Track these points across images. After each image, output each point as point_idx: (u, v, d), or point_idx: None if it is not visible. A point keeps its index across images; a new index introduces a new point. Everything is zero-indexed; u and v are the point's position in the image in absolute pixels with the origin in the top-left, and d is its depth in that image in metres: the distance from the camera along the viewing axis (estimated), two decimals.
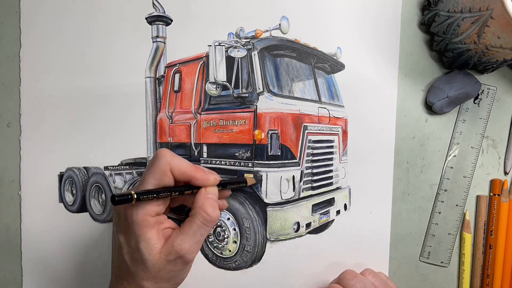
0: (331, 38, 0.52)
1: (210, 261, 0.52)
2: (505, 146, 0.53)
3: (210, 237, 0.51)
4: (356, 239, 0.53)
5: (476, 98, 0.52)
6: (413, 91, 0.52)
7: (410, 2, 0.52)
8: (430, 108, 0.52)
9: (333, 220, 0.53)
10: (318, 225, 0.53)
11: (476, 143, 0.52)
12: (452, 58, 0.49)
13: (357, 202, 0.53)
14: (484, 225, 0.52)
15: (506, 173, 0.53)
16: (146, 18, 0.51)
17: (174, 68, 0.52)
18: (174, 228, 0.40)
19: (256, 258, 0.51)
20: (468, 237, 0.52)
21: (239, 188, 0.50)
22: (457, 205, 0.52)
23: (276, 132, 0.50)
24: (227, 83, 0.50)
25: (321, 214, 0.53)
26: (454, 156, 0.52)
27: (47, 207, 0.52)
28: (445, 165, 0.53)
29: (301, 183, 0.51)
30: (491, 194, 0.52)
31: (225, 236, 0.51)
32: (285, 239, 0.52)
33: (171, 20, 0.51)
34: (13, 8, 0.52)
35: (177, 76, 0.52)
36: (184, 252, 0.38)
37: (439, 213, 0.52)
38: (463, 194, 0.52)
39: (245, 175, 0.49)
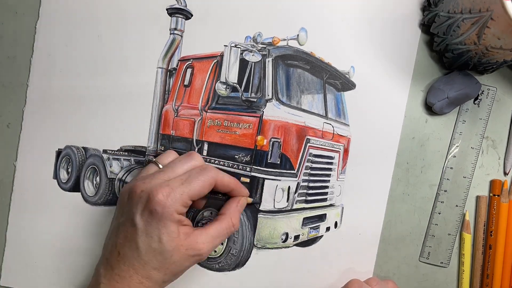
0: (346, 56, 0.52)
1: None
2: (505, 146, 0.53)
3: None
4: (342, 257, 0.53)
5: (476, 98, 0.52)
6: (413, 92, 0.53)
7: (410, 2, 0.52)
8: (430, 108, 0.52)
9: (321, 236, 0.53)
10: (307, 239, 0.53)
11: (476, 143, 0.53)
12: (452, 58, 0.49)
13: (348, 221, 0.53)
14: (484, 225, 0.52)
15: (506, 174, 0.53)
16: (166, 9, 0.51)
17: (187, 63, 0.52)
18: (190, 226, 0.41)
19: (240, 262, 0.51)
20: (468, 238, 0.52)
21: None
22: (457, 206, 0.52)
23: (279, 140, 0.50)
24: (237, 85, 0.50)
25: (310, 228, 0.53)
26: (454, 156, 0.53)
27: (40, 181, 0.52)
28: (444, 166, 0.53)
29: (296, 194, 0.51)
30: (491, 194, 0.53)
31: None
32: (272, 248, 0.52)
33: (191, 15, 0.51)
34: (12, 9, 0.51)
35: (189, 70, 0.52)
36: (204, 251, 0.40)
37: (439, 213, 0.53)
38: (463, 194, 0.53)
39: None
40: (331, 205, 0.54)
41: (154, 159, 0.45)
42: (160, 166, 0.44)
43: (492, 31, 0.42)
